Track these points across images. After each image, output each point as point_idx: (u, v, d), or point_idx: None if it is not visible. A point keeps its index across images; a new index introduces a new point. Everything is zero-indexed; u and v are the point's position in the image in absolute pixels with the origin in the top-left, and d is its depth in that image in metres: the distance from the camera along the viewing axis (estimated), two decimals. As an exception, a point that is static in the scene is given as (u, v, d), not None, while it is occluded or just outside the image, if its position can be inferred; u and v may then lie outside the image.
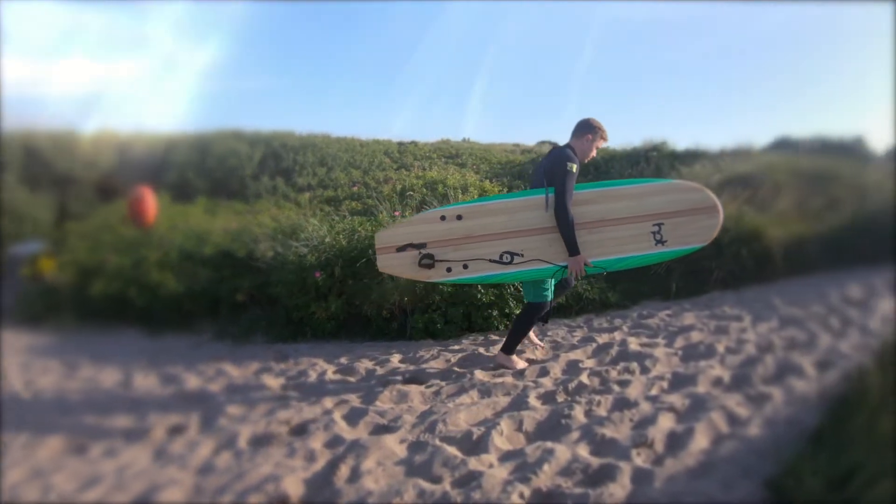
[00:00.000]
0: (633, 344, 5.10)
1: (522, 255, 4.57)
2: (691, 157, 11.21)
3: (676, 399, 3.87)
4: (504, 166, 12.75)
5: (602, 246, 4.63)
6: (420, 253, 4.58)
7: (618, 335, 5.38)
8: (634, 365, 4.55)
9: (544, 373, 4.49)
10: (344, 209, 8.66)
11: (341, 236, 6.22)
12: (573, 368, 4.56)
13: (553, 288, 4.77)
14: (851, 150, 16.62)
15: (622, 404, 3.83)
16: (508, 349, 4.71)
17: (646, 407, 3.75)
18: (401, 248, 4.59)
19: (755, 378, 4.24)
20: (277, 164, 10.02)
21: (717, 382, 4.22)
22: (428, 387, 4.29)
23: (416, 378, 4.48)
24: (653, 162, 11.15)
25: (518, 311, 5.43)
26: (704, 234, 4.77)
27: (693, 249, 4.85)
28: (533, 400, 3.91)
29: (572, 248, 4.44)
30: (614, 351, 4.92)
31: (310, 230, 6.45)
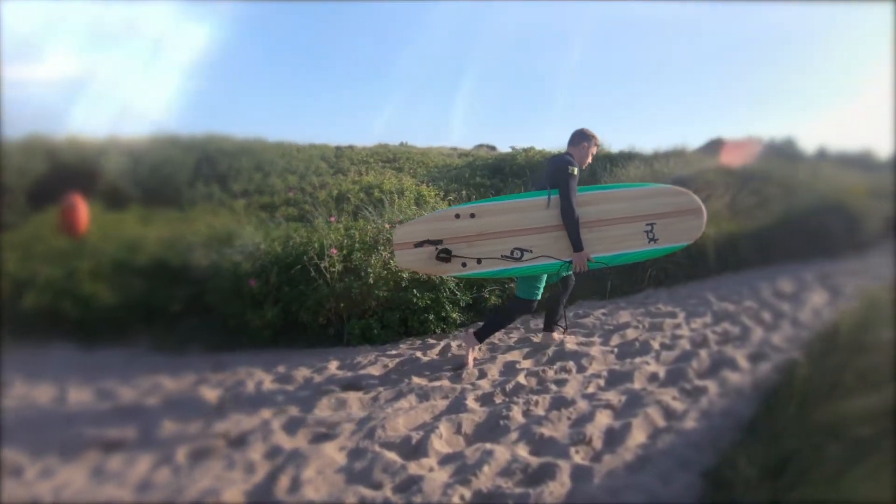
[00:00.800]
0: (570, 343, 5.20)
1: (531, 252, 4.91)
2: (626, 158, 11.43)
3: (613, 396, 3.99)
4: (441, 170, 12.79)
5: (601, 243, 5.01)
6: (437, 249, 4.84)
7: (554, 335, 5.39)
8: (571, 364, 4.65)
9: (482, 375, 4.56)
10: (280, 215, 8.58)
11: (276, 243, 6.15)
12: (510, 369, 4.64)
13: (543, 288, 5.05)
14: (782, 151, 17.19)
15: (560, 403, 3.90)
16: (481, 337, 4.96)
17: (583, 405, 3.84)
18: (418, 244, 4.84)
19: (690, 372, 4.37)
20: (213, 169, 9.84)
21: (653, 378, 4.36)
22: (366, 393, 4.30)
23: (354, 384, 4.47)
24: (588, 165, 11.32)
25: (455, 315, 5.79)
26: (691, 233, 5.21)
27: (681, 247, 5.37)
28: (471, 402, 3.96)
29: (577, 245, 4.80)
30: (551, 351, 5.01)
31: (245, 237, 6.36)
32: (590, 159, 5.25)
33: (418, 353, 5.06)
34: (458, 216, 4.94)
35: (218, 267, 6.13)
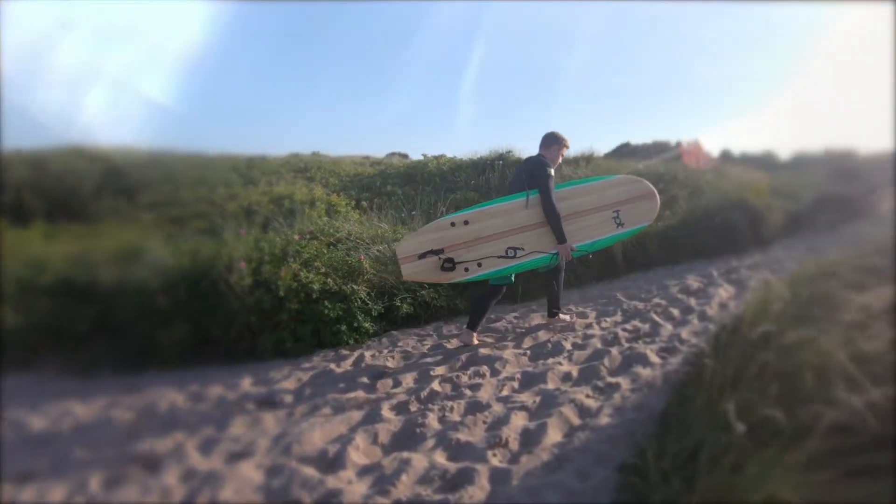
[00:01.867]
0: (483, 347, 5.25)
1: (523, 249, 5.45)
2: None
3: (527, 397, 4.06)
4: (353, 179, 12.71)
5: (579, 233, 5.65)
6: (440, 258, 5.26)
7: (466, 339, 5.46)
8: (485, 368, 4.70)
9: (396, 383, 4.55)
10: (189, 229, 8.37)
11: (185, 257, 6.01)
12: (424, 376, 4.63)
13: (513, 276, 5.64)
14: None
15: (475, 407, 3.95)
16: (472, 326, 5.50)
17: (498, 408, 3.89)
18: (422, 256, 5.24)
19: (603, 370, 4.47)
20: (120, 182, 9.49)
21: (567, 378, 4.45)
22: (281, 408, 4.23)
23: (269, 400, 4.41)
24: (498, 170, 11.45)
25: (367, 324, 5.80)
26: (649, 214, 6.02)
27: (643, 227, 6.10)
28: (386, 411, 3.95)
29: (560, 237, 5.40)
30: (464, 356, 5.04)
31: (153, 252, 6.19)
32: (559, 160, 5.85)
33: (332, 365, 5.02)
34: (453, 224, 5.39)
35: (126, 284, 5.96)
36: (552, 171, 5.47)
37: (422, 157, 14.36)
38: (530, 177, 5.51)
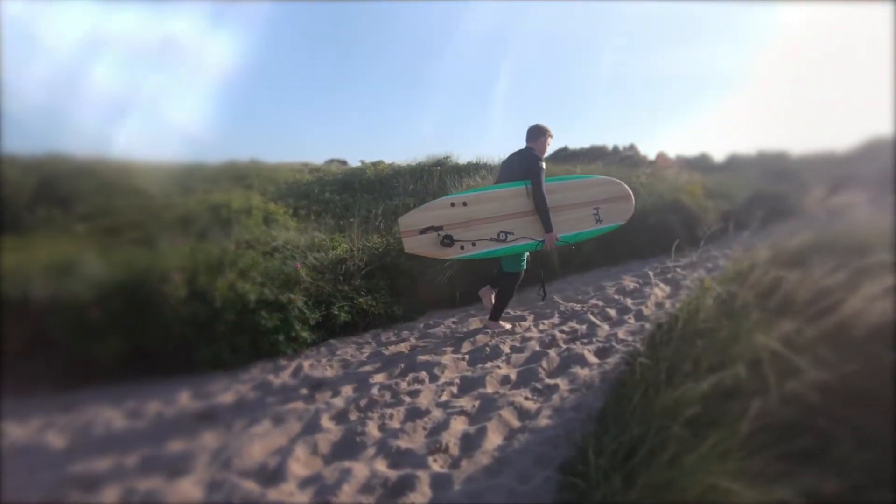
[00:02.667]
0: (421, 354, 5.24)
1: (513, 234, 5.74)
2: (474, 168, 11.68)
3: (467, 402, 4.08)
4: (291, 186, 12.59)
5: (564, 225, 5.96)
6: (439, 235, 5.56)
7: (405, 347, 5.50)
8: (423, 374, 4.69)
9: (336, 392, 4.50)
10: (124, 239, 8.17)
11: (119, 269, 5.88)
12: (363, 385, 4.61)
13: (527, 261, 5.94)
14: (625, 157, 18.14)
15: (414, 414, 3.95)
16: (496, 317, 5.88)
17: (437, 413, 3.91)
18: (423, 231, 5.55)
19: (541, 372, 4.52)
20: (53, 192, 9.20)
21: (505, 381, 4.48)
22: (220, 421, 4.16)
23: (207, 413, 4.34)
24: (436, 175, 11.49)
25: (305, 334, 5.74)
26: (625, 215, 6.46)
27: (618, 225, 6.45)
28: (326, 421, 3.92)
29: (548, 226, 5.66)
30: (403, 363, 5.03)
31: (86, 264, 6.03)
32: (546, 150, 6.05)
33: (270, 376, 4.97)
34: (453, 204, 5.72)
35: (59, 298, 5.80)
36: (543, 164, 5.78)
37: (360, 164, 14.32)
38: (524, 169, 5.79)
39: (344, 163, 17.48)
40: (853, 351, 3.22)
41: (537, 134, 5.98)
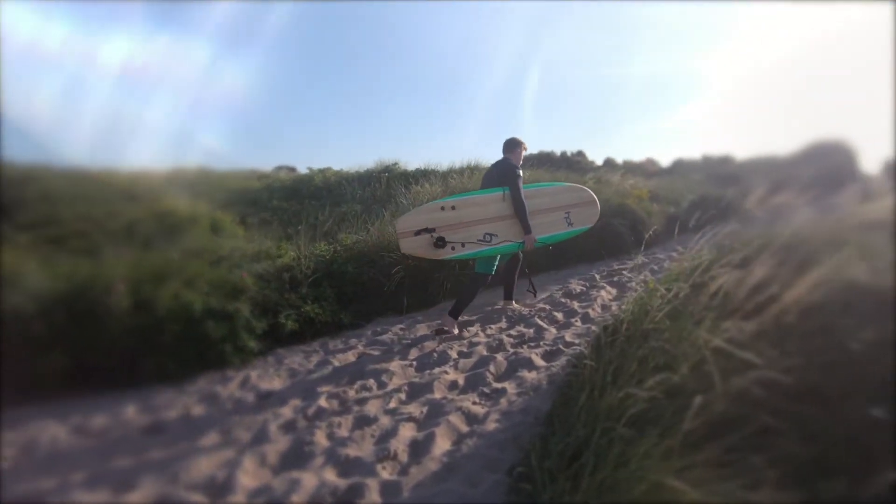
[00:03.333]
0: (369, 361, 5.21)
1: (497, 236, 6.20)
2: (422, 175, 11.71)
3: (415, 408, 4.08)
4: (239, 194, 12.45)
5: (539, 228, 6.46)
6: (432, 236, 5.95)
7: (353, 355, 5.48)
8: (371, 381, 4.68)
9: (283, 402, 4.46)
10: (68, 249, 7.98)
11: (62, 280, 5.76)
12: (311, 393, 4.56)
13: (497, 264, 6.37)
14: (573, 163, 18.35)
15: (363, 422, 3.95)
16: (455, 314, 6.07)
17: (386, 421, 3.91)
18: (418, 233, 5.94)
19: (489, 376, 4.54)
20: None
21: (453, 386, 4.50)
22: (167, 434, 4.10)
23: (154, 427, 4.28)
24: (384, 182, 11.51)
25: (252, 344, 5.68)
26: (592, 219, 7.12)
27: (587, 228, 7.09)
28: (274, 432, 3.89)
29: (527, 229, 6.18)
30: (351, 371, 5.00)
31: (28, 275, 5.89)
32: (521, 161, 6.65)
33: (218, 387, 4.93)
34: (443, 208, 6.14)
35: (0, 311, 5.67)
36: (520, 172, 6.33)
37: (308, 171, 14.26)
38: (503, 178, 6.32)
39: (293, 170, 17.38)
40: (795, 346, 3.30)
41: (513, 146, 6.62)
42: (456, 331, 6.02)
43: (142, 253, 6.43)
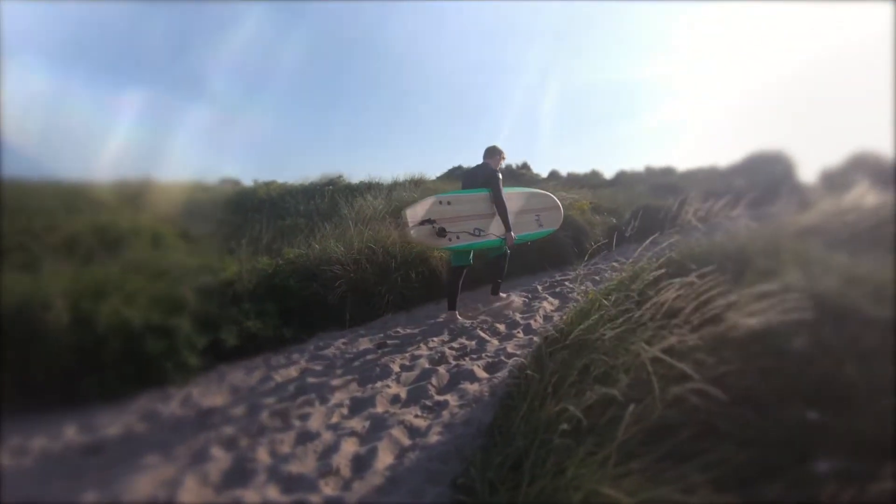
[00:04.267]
0: (311, 376, 5.20)
1: (484, 231, 6.95)
2: (366, 188, 11.73)
3: (357, 423, 4.08)
4: (183, 206, 12.27)
5: (516, 227, 7.18)
6: (434, 227, 6.59)
7: (295, 370, 5.45)
8: (314, 397, 4.65)
9: (225, 419, 4.42)
10: (6, 263, 7.77)
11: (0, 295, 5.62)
12: (253, 410, 4.53)
13: (472, 257, 7.08)
14: (518, 175, 18.51)
15: (305, 438, 3.93)
16: (451, 307, 6.93)
17: (328, 436, 3.90)
18: (422, 223, 6.56)
19: (431, 389, 4.56)
20: None
21: (395, 400, 4.50)
22: (107, 454, 4.03)
23: (94, 447, 4.20)
24: (328, 195, 11.49)
25: (193, 360, 5.59)
26: (557, 221, 8.29)
27: (553, 230, 8.27)
28: (216, 450, 3.84)
29: (508, 227, 6.91)
30: (293, 386, 4.98)
31: None
32: (501, 165, 7.38)
33: (158, 405, 4.87)
34: (441, 203, 6.78)
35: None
36: (501, 176, 7.06)
37: (253, 183, 14.16)
38: (485, 181, 7.07)
39: (237, 182, 17.22)
40: (732, 352, 3.39)
41: (493, 153, 7.32)
42: (460, 318, 6.84)
43: (82, 267, 6.31)
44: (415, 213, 6.62)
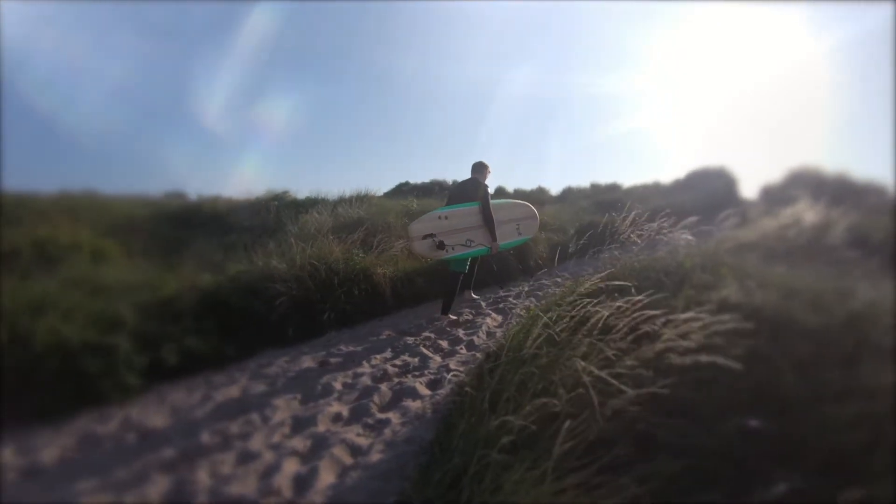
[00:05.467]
0: (253, 395, 5.16)
1: (474, 241, 7.73)
2: (311, 203, 11.70)
3: (299, 442, 4.06)
4: (126, 220, 12.05)
5: (500, 236, 7.90)
6: (435, 241, 7.45)
7: (236, 389, 5.38)
8: (255, 416, 4.60)
9: (165, 440, 4.34)
10: None
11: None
12: (193, 430, 4.46)
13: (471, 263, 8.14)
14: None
15: (246, 458, 3.89)
16: (446, 310, 7.62)
17: (270, 456, 3.88)
18: (425, 237, 7.46)
19: (373, 407, 4.57)
20: None
21: (337, 418, 4.49)
22: (43, 477, 3.92)
23: (29, 470, 4.10)
24: (273, 210, 11.43)
25: (132, 380, 5.43)
26: (534, 229, 9.24)
27: (530, 238, 9.31)
28: (156, 472, 3.78)
29: (494, 237, 7.74)
30: (234, 405, 4.92)
31: None
32: (487, 179, 8.12)
33: (97, 427, 4.78)
34: (440, 218, 7.61)
35: None
36: (489, 190, 7.87)
37: (198, 198, 13.98)
38: (474, 194, 7.83)
39: (182, 196, 16.95)
40: (668, 366, 3.47)
41: (482, 168, 8.12)
42: (456, 318, 7.60)
43: (19, 283, 6.18)
44: (419, 228, 7.49)
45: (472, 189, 7.92)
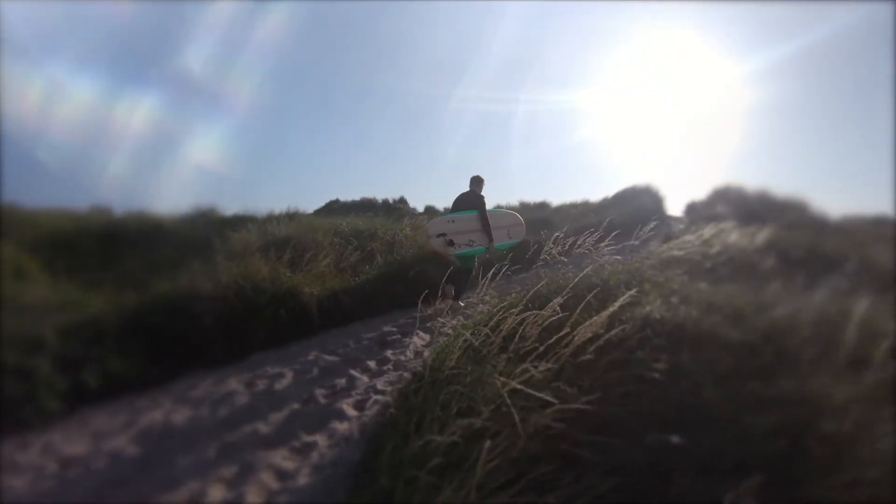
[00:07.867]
0: (178, 419, 5.06)
1: (475, 242, 8.84)
2: (240, 221, 11.55)
3: (224, 468, 4.01)
4: (50, 237, 11.68)
5: (494, 240, 8.94)
6: (446, 238, 8.61)
7: (161, 413, 5.27)
8: (179, 442, 4.53)
9: (86, 468, 4.21)
10: None
11: None
12: (117, 456, 4.38)
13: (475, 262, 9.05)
14: (394, 209, 18.67)
15: (171, 485, 3.83)
16: (457, 298, 8.71)
17: (195, 483, 3.82)
18: (438, 236, 8.63)
19: (299, 430, 4.52)
20: None
21: (264, 442, 4.43)
22: None
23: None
24: (200, 228, 11.26)
25: (52, 404, 5.31)
26: (521, 234, 9.98)
27: (518, 242, 9.87)
28: (78, 501, 3.70)
29: (490, 239, 8.83)
30: (158, 430, 4.84)
31: None
32: (483, 191, 9.14)
33: (15, 454, 4.58)
34: (448, 221, 8.79)
35: None
36: (486, 200, 8.98)
37: (126, 213, 13.66)
38: (473, 204, 8.86)
39: (109, 210, 16.52)
40: (593, 381, 3.54)
41: (478, 181, 9.14)
42: (462, 303, 8.60)
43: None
44: (435, 228, 8.75)
45: (471, 199, 8.97)
